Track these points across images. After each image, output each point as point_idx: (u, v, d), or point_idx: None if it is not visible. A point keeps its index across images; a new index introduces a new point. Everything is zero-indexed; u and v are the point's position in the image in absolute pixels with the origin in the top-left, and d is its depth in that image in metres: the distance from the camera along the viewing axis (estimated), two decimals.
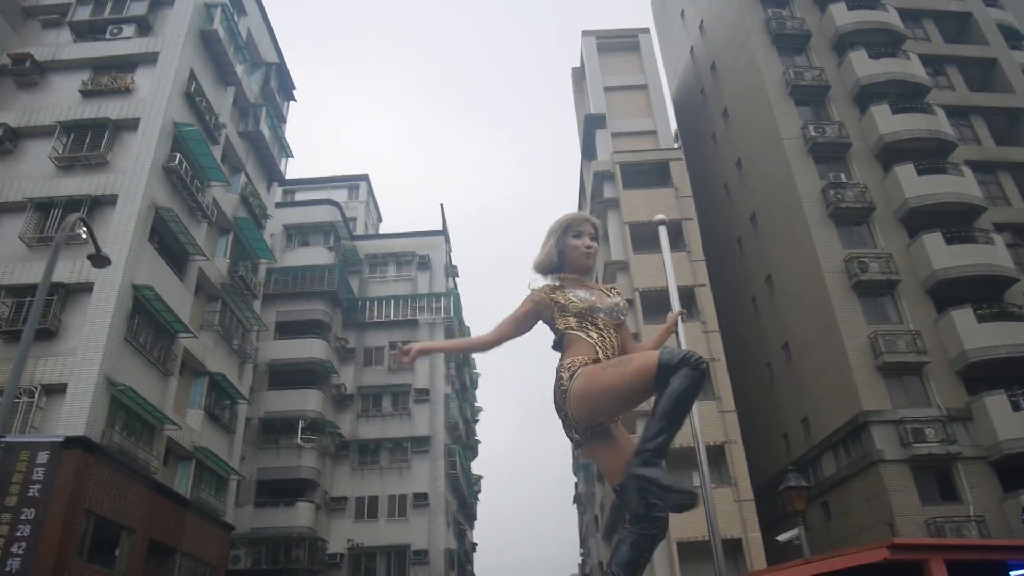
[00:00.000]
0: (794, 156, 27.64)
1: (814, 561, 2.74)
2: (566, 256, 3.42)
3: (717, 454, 25.03)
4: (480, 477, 50.46)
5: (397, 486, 34.72)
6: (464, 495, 42.70)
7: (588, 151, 35.31)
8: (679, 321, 4.17)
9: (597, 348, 3.14)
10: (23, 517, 9.27)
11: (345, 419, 35.79)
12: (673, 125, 37.38)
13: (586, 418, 3.05)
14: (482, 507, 59.83)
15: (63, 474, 14.29)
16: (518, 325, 3.32)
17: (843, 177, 27.26)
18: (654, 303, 27.79)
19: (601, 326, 3.23)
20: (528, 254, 3.55)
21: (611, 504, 30.96)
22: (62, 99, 23.66)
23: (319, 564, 31.38)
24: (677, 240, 29.36)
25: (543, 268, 3.46)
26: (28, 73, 23.93)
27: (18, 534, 9.19)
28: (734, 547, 23.23)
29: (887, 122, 27.27)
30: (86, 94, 23.54)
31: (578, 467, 52.81)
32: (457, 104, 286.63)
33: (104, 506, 18.43)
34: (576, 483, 56.57)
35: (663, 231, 5.00)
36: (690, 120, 40.00)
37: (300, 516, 31.08)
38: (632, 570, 2.84)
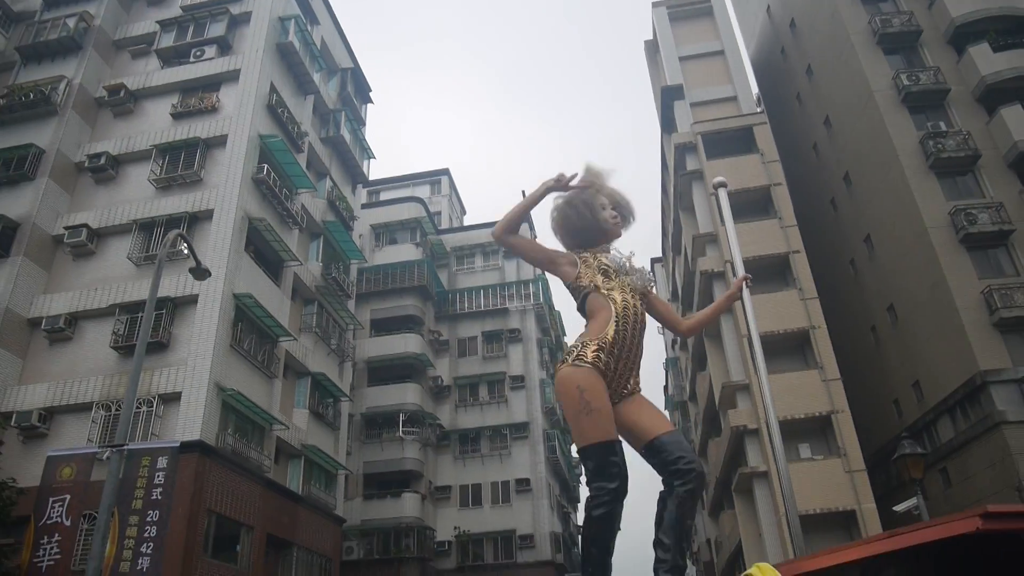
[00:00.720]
0: (887, 108, 26.25)
1: (898, 534, 2.53)
2: (600, 226, 3.38)
3: (823, 425, 24.19)
4: (578, 460, 50.44)
5: (499, 473, 35.16)
6: (566, 478, 42.87)
7: (667, 124, 34.58)
8: (744, 286, 4.05)
9: (614, 319, 3.10)
10: (149, 519, 9.89)
11: (444, 410, 36.48)
12: (754, 89, 36.16)
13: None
14: (585, 490, 59.86)
15: (183, 477, 15.13)
16: (546, 252, 3.34)
17: (942, 126, 25.70)
18: (748, 273, 27.00)
19: (628, 291, 3.20)
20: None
21: (715, 481, 30.43)
22: (155, 123, 24.88)
23: (428, 552, 32.17)
24: (767, 207, 28.41)
25: (569, 235, 3.40)
26: (123, 102, 25.29)
27: (146, 535, 9.82)
28: (847, 519, 22.41)
29: (988, 62, 25.52)
30: (176, 116, 24.67)
31: None
32: (531, 91, 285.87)
33: (223, 505, 19.41)
34: None
35: (723, 193, 4.78)
36: (771, 82, 38.55)
37: (407, 507, 31.91)
38: (678, 532, 2.85)
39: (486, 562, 33.37)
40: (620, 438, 2.95)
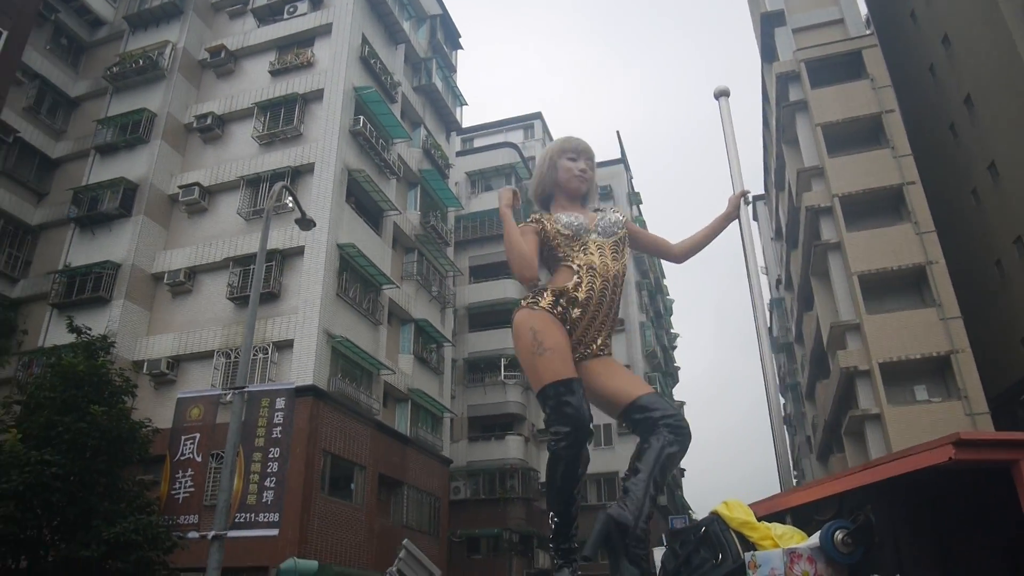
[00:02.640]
0: (1016, 21, 24.06)
1: (871, 467, 2.38)
2: (559, 181, 3.25)
3: (941, 365, 23.06)
4: (682, 403, 50.16)
5: (601, 415, 35.34)
6: None
7: (768, 53, 32.92)
8: (741, 204, 3.76)
9: (577, 277, 3.00)
10: (270, 456, 10.53)
11: None
12: (863, 9, 33.84)
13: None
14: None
15: (299, 419, 15.94)
16: (528, 244, 3.09)
17: None
18: (856, 208, 25.73)
19: (593, 249, 3.05)
20: (711, 173, 3.36)
21: (823, 424, 29.63)
22: (255, 82, 25.64)
23: (532, 492, 32.93)
24: (878, 136, 26.83)
25: (538, 195, 3.33)
26: (224, 63, 26.14)
27: (268, 470, 10.47)
28: None
29: None
30: (274, 73, 25.32)
31: (785, 388, 50.91)
32: (623, 27, 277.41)
33: (337, 446, 20.41)
34: (784, 404, 54.61)
35: (725, 103, 4.41)
36: (882, 1, 35.95)
37: (511, 448, 32.65)
38: (651, 483, 2.69)
39: (589, 503, 33.89)
40: (578, 377, 2.81)
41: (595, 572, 6.11)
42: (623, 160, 42.21)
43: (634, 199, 43.11)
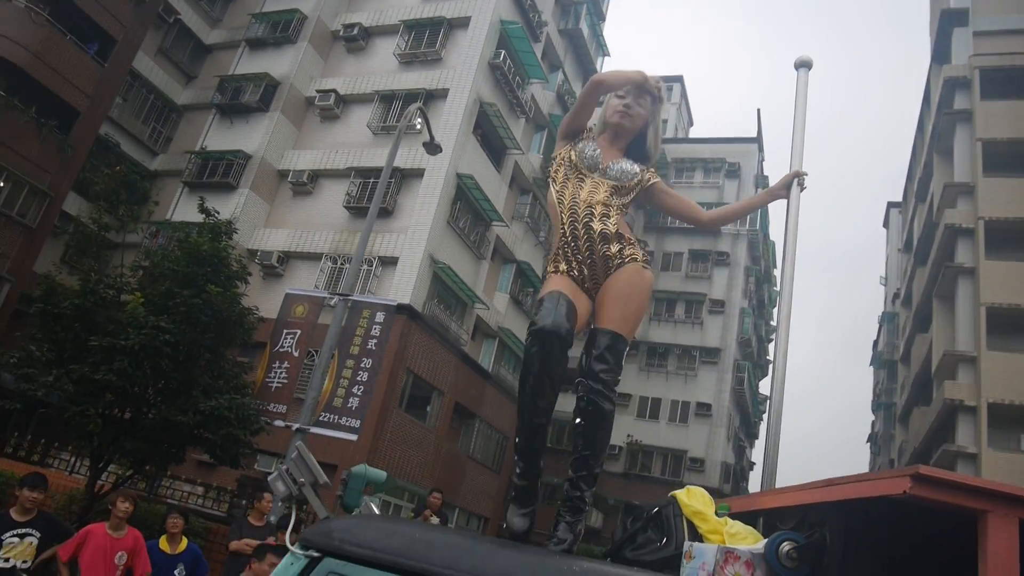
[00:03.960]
0: None
1: (832, 484, 2.24)
2: (605, 119, 3.01)
3: None
4: (767, 398, 48.92)
5: (681, 393, 34.94)
6: (748, 413, 41.83)
7: (940, 54, 30.58)
8: (794, 186, 3.39)
9: (561, 221, 2.83)
10: (362, 365, 10.88)
11: None
12: None
13: None
14: (765, 428, 58.18)
15: (392, 335, 16.40)
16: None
17: None
18: (1001, 236, 23.89)
19: (587, 185, 2.86)
20: (850, 168, 3.07)
21: (912, 451, 28.28)
22: None
23: None
24: None
25: (569, 126, 3.05)
26: None
27: (358, 378, 10.84)
28: None
29: None
30: None
31: (879, 405, 48.79)
32: (787, 8, 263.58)
33: (420, 367, 20.96)
34: (873, 422, 52.43)
35: (804, 74, 3.98)
36: None
37: None
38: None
39: (652, 474, 33.78)
40: (564, 293, 2.64)
41: None
42: (758, 140, 40.55)
43: (761, 181, 41.48)
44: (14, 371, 10.39)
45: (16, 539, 5.45)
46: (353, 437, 10.89)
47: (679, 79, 48.18)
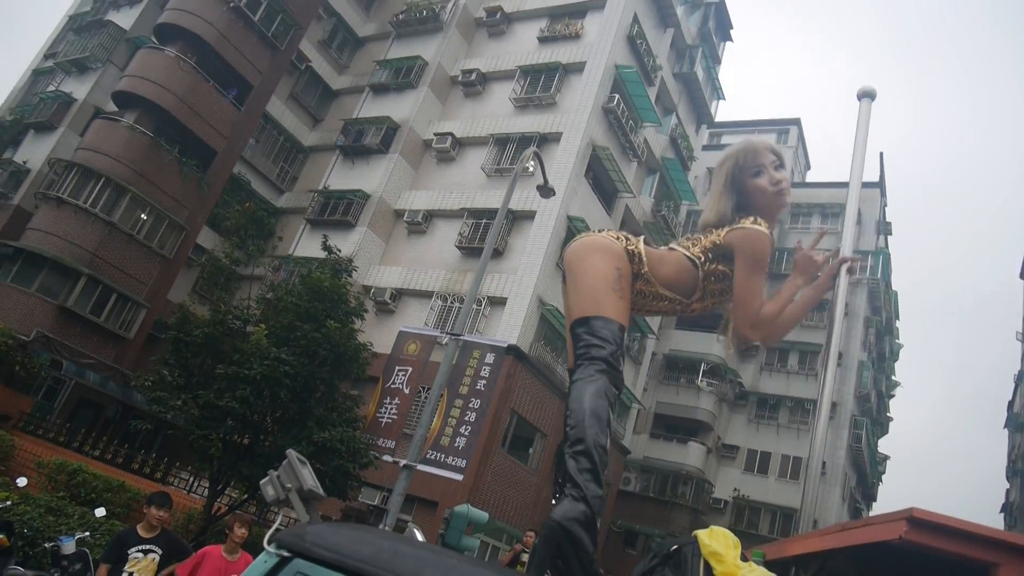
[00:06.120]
0: None
1: (828, 533, 2.10)
2: (753, 202, 2.86)
3: None
4: (887, 457, 45.97)
5: (792, 447, 33.38)
6: (865, 472, 39.40)
7: None
8: (842, 273, 3.08)
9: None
10: (471, 405, 10.98)
11: (747, 369, 35.25)
12: None
13: None
14: (884, 490, 54.75)
15: (499, 375, 16.51)
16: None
17: None
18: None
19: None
20: (986, 217, 2.86)
21: None
22: (522, 45, 26.41)
23: (703, 505, 31.89)
24: None
25: (718, 212, 3.01)
26: (497, 23, 27.19)
27: (466, 418, 10.93)
28: None
29: None
30: (542, 40, 25.92)
31: (1014, 472, 44.96)
32: (920, 51, 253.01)
33: (525, 408, 20.94)
34: (1008, 490, 48.31)
35: (866, 105, 3.59)
36: None
37: (691, 455, 31.77)
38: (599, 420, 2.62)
39: (760, 532, 32.24)
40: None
41: None
42: (880, 184, 38.85)
43: (883, 228, 39.67)
44: (148, 393, 11.09)
45: (140, 555, 5.75)
46: (459, 477, 10.96)
47: (796, 122, 46.96)
